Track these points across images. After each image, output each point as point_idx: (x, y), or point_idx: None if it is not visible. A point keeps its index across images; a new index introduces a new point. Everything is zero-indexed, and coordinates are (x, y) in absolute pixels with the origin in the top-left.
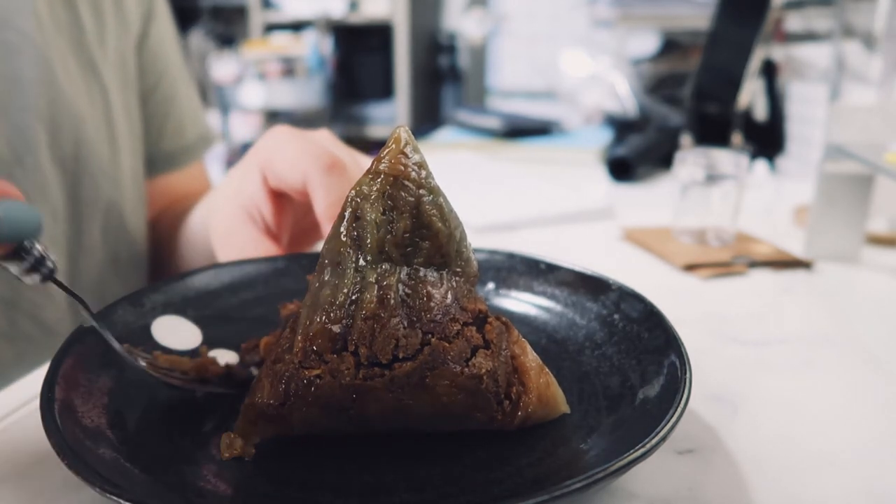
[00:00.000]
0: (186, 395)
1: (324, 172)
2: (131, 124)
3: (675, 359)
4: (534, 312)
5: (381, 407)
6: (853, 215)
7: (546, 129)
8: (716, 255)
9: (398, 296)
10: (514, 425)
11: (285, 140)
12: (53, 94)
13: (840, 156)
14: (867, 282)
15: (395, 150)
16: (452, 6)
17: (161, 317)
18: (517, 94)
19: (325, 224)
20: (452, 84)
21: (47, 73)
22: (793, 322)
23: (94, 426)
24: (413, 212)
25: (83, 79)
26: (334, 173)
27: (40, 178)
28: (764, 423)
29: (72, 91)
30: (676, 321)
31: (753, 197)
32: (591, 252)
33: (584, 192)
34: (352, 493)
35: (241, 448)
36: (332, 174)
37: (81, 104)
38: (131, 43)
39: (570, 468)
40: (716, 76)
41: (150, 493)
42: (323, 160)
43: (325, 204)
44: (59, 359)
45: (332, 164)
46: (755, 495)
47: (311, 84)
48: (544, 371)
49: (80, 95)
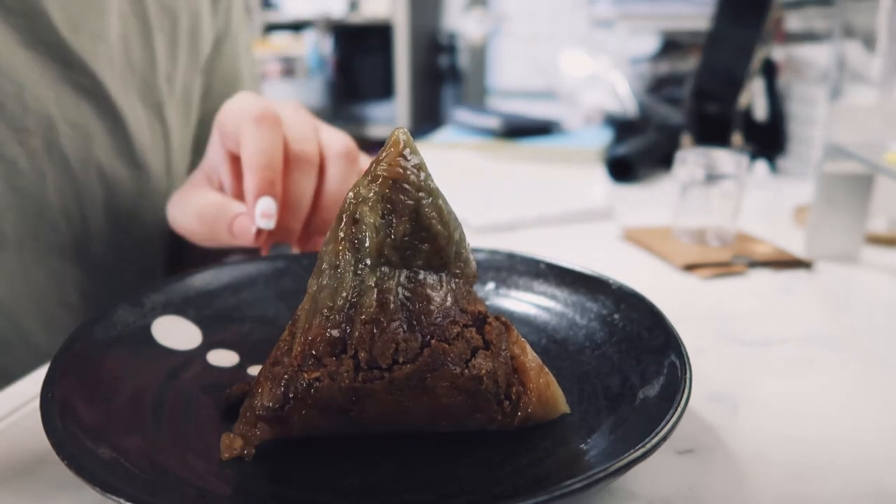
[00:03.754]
0: (186, 396)
1: (252, 123)
2: (185, 159)
3: (675, 359)
4: (534, 312)
5: (380, 409)
6: (853, 215)
7: (546, 129)
8: (716, 254)
9: (398, 299)
10: (514, 425)
11: (239, 101)
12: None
13: (840, 156)
14: (867, 282)
15: (393, 153)
16: (452, 6)
17: (161, 317)
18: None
19: (247, 175)
20: (452, 84)
21: (114, 123)
22: (793, 322)
23: (94, 426)
24: (412, 215)
25: (149, 125)
26: (263, 125)
27: (93, 228)
28: (764, 423)
29: (138, 140)
30: (676, 321)
31: (753, 197)
32: (591, 252)
33: (584, 192)
34: (352, 493)
35: (241, 448)
36: (261, 125)
37: (146, 154)
38: (199, 69)
39: (570, 468)
40: (716, 76)
41: (150, 493)
42: (253, 112)
43: (247, 152)
44: (59, 359)
45: (262, 117)
46: (755, 495)
47: (311, 84)
48: (544, 371)
49: (146, 143)
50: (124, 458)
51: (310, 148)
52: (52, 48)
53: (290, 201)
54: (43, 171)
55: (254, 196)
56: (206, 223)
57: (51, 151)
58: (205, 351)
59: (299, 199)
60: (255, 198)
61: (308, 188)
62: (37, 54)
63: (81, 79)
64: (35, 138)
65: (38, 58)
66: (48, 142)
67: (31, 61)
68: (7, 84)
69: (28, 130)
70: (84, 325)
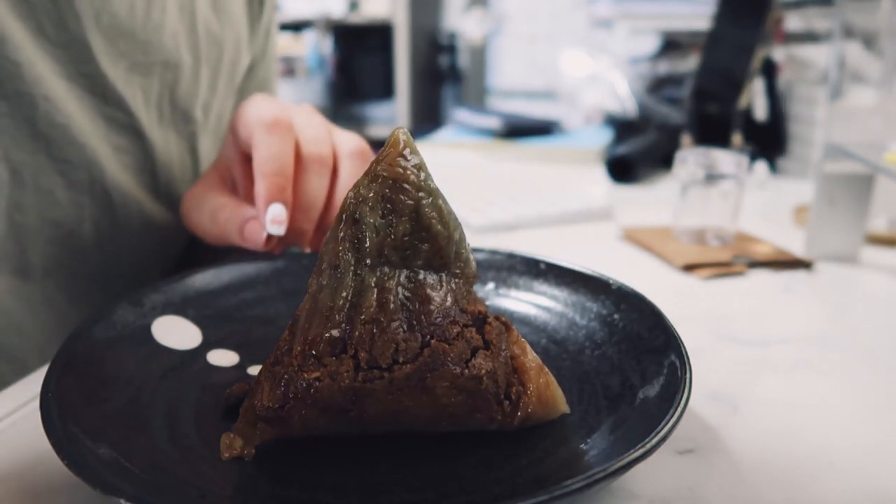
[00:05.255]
0: (186, 396)
1: (264, 129)
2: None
3: (675, 359)
4: (534, 312)
5: (380, 409)
6: (853, 215)
7: (546, 129)
8: (716, 255)
9: (398, 299)
10: (513, 425)
11: (254, 105)
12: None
13: (840, 156)
14: (867, 282)
15: (393, 153)
16: (452, 6)
17: (161, 317)
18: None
19: (258, 181)
20: (452, 84)
21: (147, 157)
22: (793, 322)
23: (94, 426)
24: (412, 215)
25: (180, 158)
26: (274, 131)
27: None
28: (764, 423)
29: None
30: (676, 321)
31: (753, 197)
32: (591, 252)
33: (584, 192)
34: (352, 493)
35: (241, 448)
36: (272, 131)
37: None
38: (233, 95)
39: (570, 468)
40: (716, 76)
41: (150, 493)
42: (265, 118)
43: (258, 159)
44: (59, 359)
45: (274, 123)
46: (755, 495)
47: (311, 84)
48: (544, 371)
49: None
50: (124, 458)
51: (324, 150)
52: (90, 81)
53: (303, 203)
54: (82, 203)
55: (265, 202)
56: (219, 224)
57: (93, 186)
58: (205, 351)
59: (313, 201)
60: (266, 204)
61: (321, 190)
62: (76, 86)
63: (117, 113)
64: (77, 171)
65: (76, 90)
66: (91, 177)
67: (70, 93)
68: (58, 116)
69: (70, 162)
70: (84, 325)
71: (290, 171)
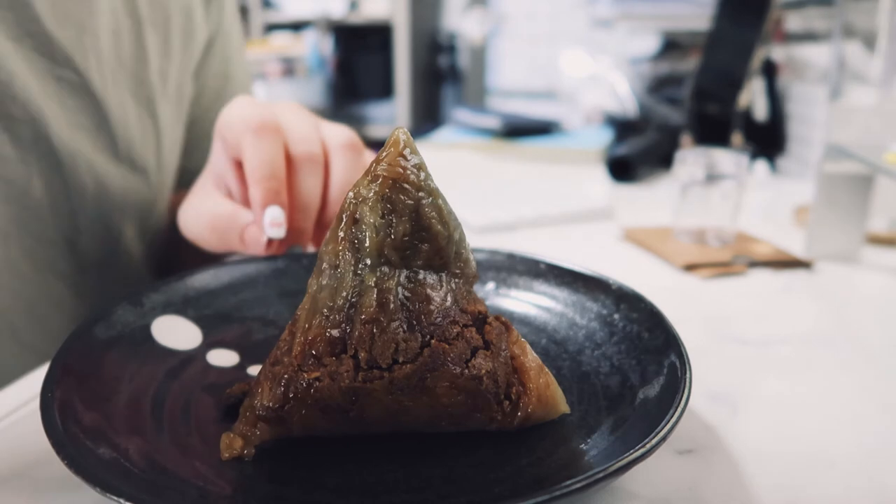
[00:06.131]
0: (186, 396)
1: (252, 134)
2: (176, 157)
3: (675, 359)
4: (534, 312)
5: (380, 409)
6: (853, 215)
7: (546, 129)
8: (716, 254)
9: (398, 299)
10: (513, 425)
11: (238, 109)
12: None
13: (840, 156)
14: (867, 282)
15: (393, 153)
16: (452, 6)
17: (161, 317)
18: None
19: (252, 188)
20: (452, 84)
21: (100, 118)
22: (793, 322)
23: (94, 426)
24: (412, 215)
25: (139, 120)
26: (262, 134)
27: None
28: (764, 423)
29: (125, 136)
30: (676, 321)
31: (753, 197)
32: (591, 252)
33: (584, 192)
34: (352, 493)
35: (241, 448)
36: (260, 135)
37: (136, 149)
38: (191, 68)
39: (570, 468)
40: (716, 76)
41: (150, 493)
42: (252, 123)
43: (250, 165)
44: (59, 359)
45: (261, 126)
46: (755, 495)
47: (311, 84)
48: (544, 371)
49: (135, 139)
50: (124, 458)
51: (314, 147)
52: (38, 41)
53: (299, 203)
54: (29, 161)
55: (260, 207)
56: (218, 232)
57: (38, 143)
58: (205, 351)
59: (309, 200)
60: (262, 209)
61: (316, 187)
62: (22, 47)
63: (66, 73)
64: (22, 127)
65: (23, 51)
66: (35, 133)
67: (17, 54)
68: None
69: (14, 118)
70: (84, 325)
71: (282, 173)
